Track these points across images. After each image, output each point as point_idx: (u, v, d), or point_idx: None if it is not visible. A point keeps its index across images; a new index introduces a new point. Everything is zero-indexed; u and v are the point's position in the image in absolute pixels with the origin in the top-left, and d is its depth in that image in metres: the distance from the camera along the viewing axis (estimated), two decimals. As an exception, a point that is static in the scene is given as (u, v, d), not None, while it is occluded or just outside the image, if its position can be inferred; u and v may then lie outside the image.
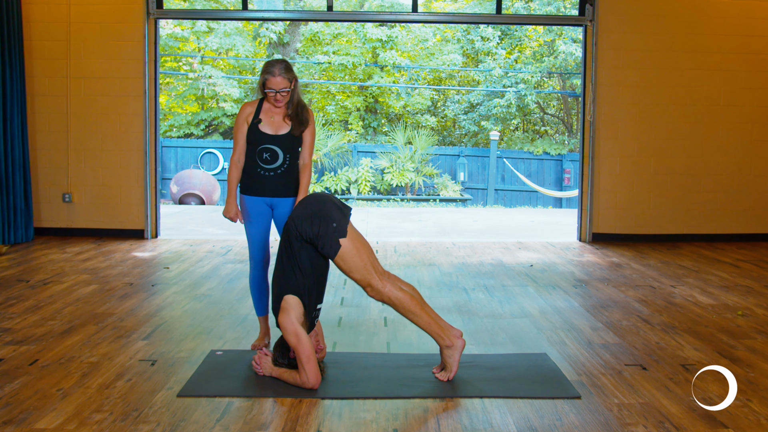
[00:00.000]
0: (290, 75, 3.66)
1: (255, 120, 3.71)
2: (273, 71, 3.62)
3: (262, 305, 3.91)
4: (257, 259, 3.84)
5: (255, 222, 3.78)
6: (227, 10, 15.87)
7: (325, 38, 19.89)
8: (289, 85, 3.65)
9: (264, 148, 3.69)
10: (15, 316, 4.36)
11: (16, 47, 6.98)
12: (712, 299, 5.02)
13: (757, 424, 2.88)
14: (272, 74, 3.62)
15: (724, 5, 7.44)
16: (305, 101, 3.87)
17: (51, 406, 2.98)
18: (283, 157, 3.71)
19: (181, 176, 15.62)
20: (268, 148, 3.69)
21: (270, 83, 3.63)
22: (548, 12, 17.68)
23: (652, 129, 7.49)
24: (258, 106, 3.75)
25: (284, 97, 3.67)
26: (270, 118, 3.72)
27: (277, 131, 3.70)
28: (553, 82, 20.73)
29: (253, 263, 3.85)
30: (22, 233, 7.06)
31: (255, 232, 3.81)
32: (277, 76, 3.62)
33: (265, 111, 3.73)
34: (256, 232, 3.80)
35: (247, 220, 3.80)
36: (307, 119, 3.74)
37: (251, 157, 3.73)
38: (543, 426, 2.84)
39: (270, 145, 3.69)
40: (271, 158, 3.70)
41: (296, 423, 2.85)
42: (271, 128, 3.70)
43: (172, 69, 20.08)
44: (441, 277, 5.78)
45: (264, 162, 3.71)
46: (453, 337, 3.32)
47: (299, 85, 3.76)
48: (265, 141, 3.69)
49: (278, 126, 3.71)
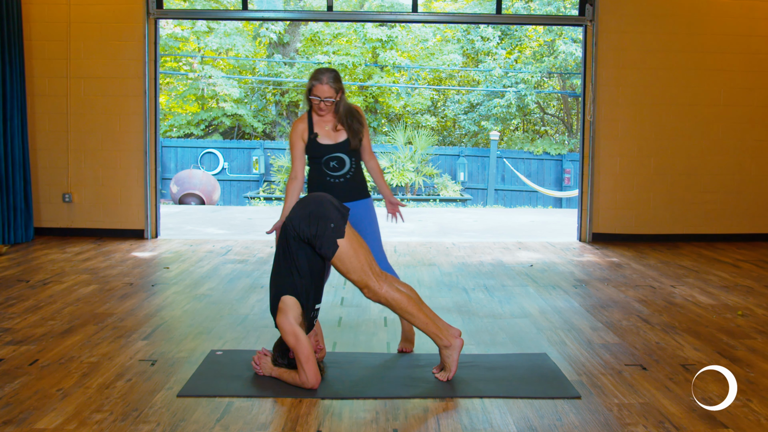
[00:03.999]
0: (337, 85, 3.70)
1: (311, 135, 3.76)
2: (321, 78, 3.66)
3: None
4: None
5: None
6: (227, 10, 15.87)
7: (325, 38, 19.89)
8: (335, 95, 3.69)
9: (330, 157, 3.75)
10: (15, 316, 4.36)
11: (16, 47, 6.98)
12: (712, 299, 5.02)
13: (757, 424, 2.88)
14: (320, 81, 3.66)
15: (724, 5, 7.44)
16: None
17: (51, 406, 2.98)
18: (350, 163, 3.78)
19: (181, 176, 15.62)
20: (334, 157, 3.75)
21: (316, 90, 3.67)
22: (548, 12, 17.68)
23: (652, 129, 7.49)
24: (309, 120, 3.79)
25: (328, 107, 3.71)
26: (324, 129, 3.77)
27: (336, 140, 3.76)
28: (553, 82, 20.73)
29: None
30: (22, 233, 7.06)
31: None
32: (324, 84, 3.66)
33: (317, 123, 3.78)
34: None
35: None
36: (359, 129, 3.77)
37: (317, 168, 3.79)
38: (543, 426, 2.84)
39: (335, 153, 3.75)
40: (339, 165, 3.77)
41: (296, 423, 2.85)
42: (329, 139, 3.76)
43: (172, 69, 20.08)
44: (441, 277, 5.78)
45: (332, 170, 3.77)
46: (451, 336, 3.32)
47: (345, 98, 3.79)
48: (329, 151, 3.74)
49: (335, 135, 3.76)
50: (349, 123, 3.75)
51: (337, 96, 3.71)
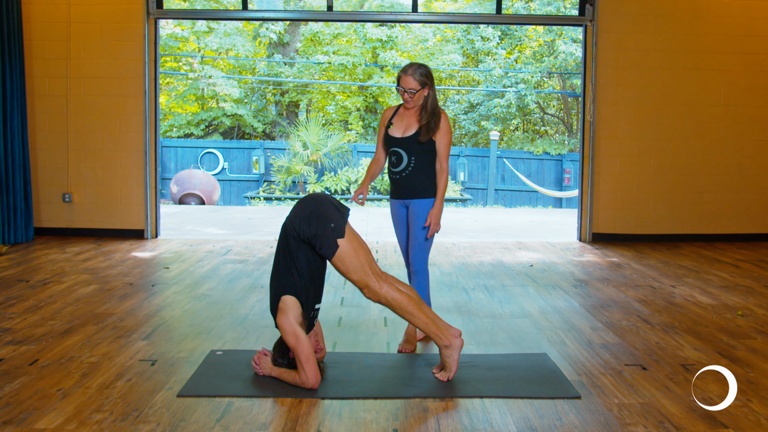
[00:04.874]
0: (422, 79, 3.74)
1: (388, 125, 3.87)
2: (407, 70, 3.75)
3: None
4: (407, 263, 3.99)
5: (396, 225, 3.98)
6: (227, 10, 15.87)
7: (325, 38, 19.89)
8: (417, 86, 3.73)
9: (392, 151, 3.83)
10: (15, 316, 4.36)
11: (16, 47, 6.98)
12: (712, 299, 5.02)
13: (757, 424, 2.88)
14: (405, 72, 3.75)
15: (724, 5, 7.44)
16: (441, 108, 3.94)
17: (51, 406, 2.98)
18: (408, 159, 3.80)
19: (181, 176, 15.63)
20: (394, 151, 3.83)
21: (401, 81, 3.76)
22: (548, 12, 17.68)
23: (652, 129, 7.49)
24: (396, 110, 3.90)
25: (412, 98, 3.75)
26: (401, 121, 3.84)
27: (404, 134, 3.80)
28: (553, 82, 20.73)
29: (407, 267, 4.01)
30: (22, 233, 7.06)
31: (400, 236, 4.00)
32: (408, 75, 3.73)
33: (400, 115, 3.87)
34: (400, 236, 3.99)
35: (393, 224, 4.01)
36: (433, 128, 3.78)
37: (388, 159, 3.90)
38: (543, 426, 2.84)
39: (395, 147, 3.82)
40: (397, 161, 3.83)
41: (296, 423, 2.85)
42: (399, 131, 3.83)
43: (172, 69, 20.08)
44: (441, 277, 5.78)
45: (392, 165, 3.86)
46: (451, 336, 3.32)
47: (434, 94, 3.81)
48: (392, 144, 3.83)
49: (406, 129, 3.81)
50: (427, 120, 3.78)
51: (423, 90, 3.75)
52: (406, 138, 3.79)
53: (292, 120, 20.12)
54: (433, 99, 3.80)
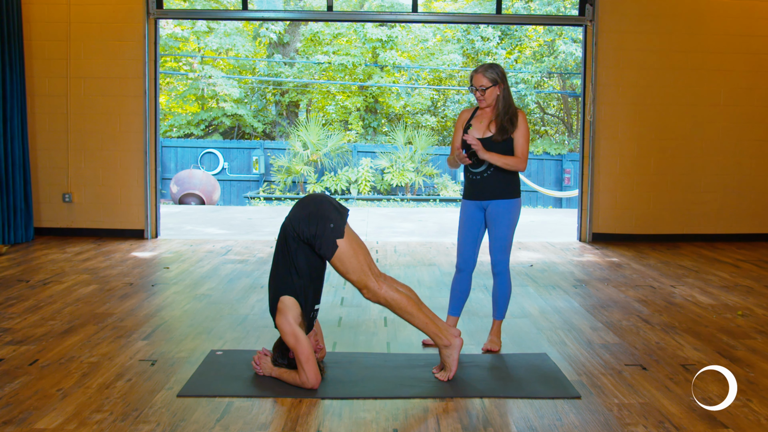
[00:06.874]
0: (492, 76, 3.72)
1: (467, 126, 3.82)
2: (478, 69, 3.75)
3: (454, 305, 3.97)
4: (458, 262, 3.91)
5: (464, 226, 3.87)
6: (227, 10, 15.87)
7: (325, 38, 19.89)
8: (488, 83, 3.71)
9: (472, 152, 3.75)
10: (15, 316, 4.36)
11: (16, 47, 6.98)
12: (712, 299, 5.02)
13: (757, 424, 2.88)
14: (476, 71, 3.75)
15: (724, 5, 7.44)
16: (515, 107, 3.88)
17: (51, 406, 2.98)
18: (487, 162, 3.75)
19: (181, 176, 15.63)
20: (474, 153, 3.74)
21: (473, 79, 3.76)
22: (548, 12, 17.67)
23: (652, 129, 7.49)
24: (474, 112, 3.86)
25: (483, 96, 3.73)
26: (479, 123, 3.81)
27: (483, 135, 3.77)
28: (553, 82, 20.73)
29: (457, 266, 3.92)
30: (22, 233, 7.06)
31: (462, 235, 3.88)
32: (478, 73, 3.73)
33: (478, 116, 3.83)
34: (462, 235, 3.88)
35: (460, 223, 3.92)
36: (507, 128, 3.73)
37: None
38: (543, 426, 2.84)
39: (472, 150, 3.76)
40: (476, 162, 3.78)
41: (296, 423, 2.85)
42: (478, 132, 3.78)
43: (172, 69, 20.08)
44: (441, 277, 5.78)
45: (471, 166, 3.80)
46: (451, 336, 3.32)
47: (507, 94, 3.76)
48: (469, 146, 3.75)
49: (484, 130, 3.78)
50: (502, 120, 3.74)
51: (494, 87, 3.72)
52: (485, 139, 3.74)
53: (292, 120, 20.12)
54: (505, 98, 3.75)
